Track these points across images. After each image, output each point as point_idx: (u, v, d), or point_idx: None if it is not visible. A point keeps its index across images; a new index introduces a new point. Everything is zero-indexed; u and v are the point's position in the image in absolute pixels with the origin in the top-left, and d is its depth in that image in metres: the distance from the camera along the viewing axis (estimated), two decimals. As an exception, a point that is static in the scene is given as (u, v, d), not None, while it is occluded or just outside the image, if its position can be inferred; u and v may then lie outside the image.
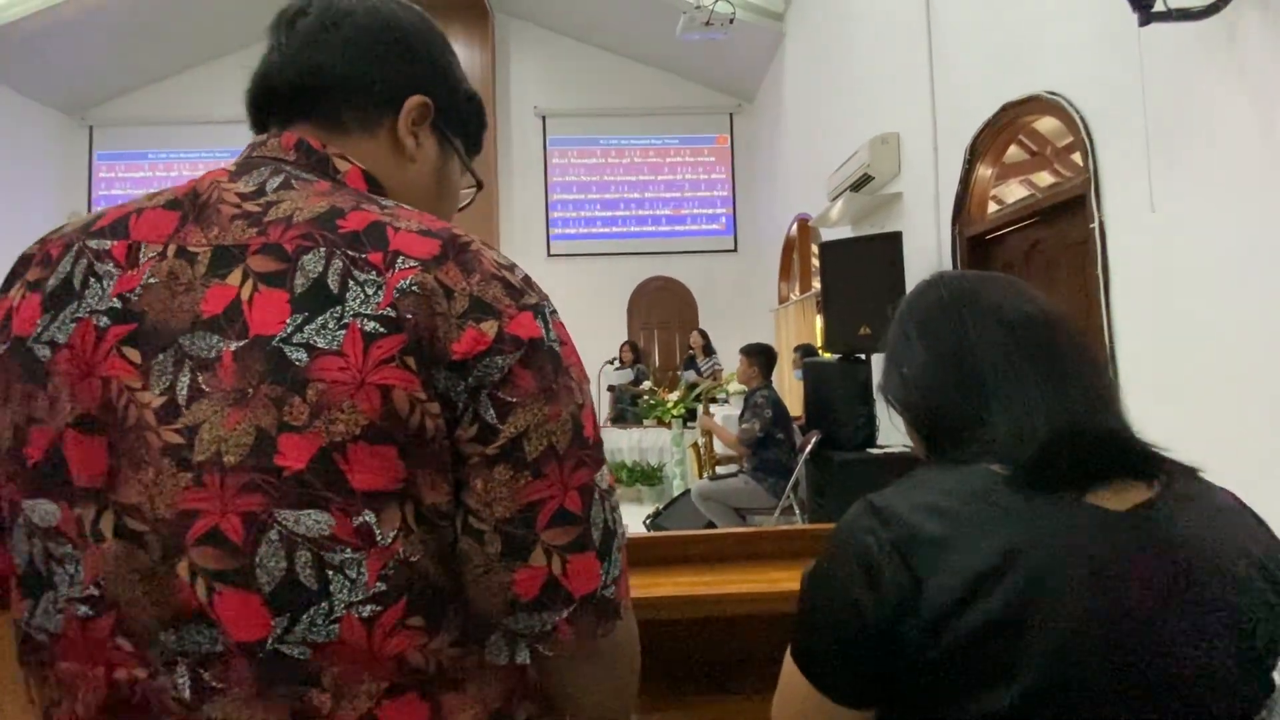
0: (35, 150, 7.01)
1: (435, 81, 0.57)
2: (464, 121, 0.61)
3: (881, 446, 3.23)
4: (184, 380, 0.41)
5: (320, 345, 0.40)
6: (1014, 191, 3.31)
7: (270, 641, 0.39)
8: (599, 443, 0.47)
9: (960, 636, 0.47)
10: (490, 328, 0.42)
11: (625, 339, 7.15)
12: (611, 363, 6.61)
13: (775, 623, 1.13)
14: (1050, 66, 2.55)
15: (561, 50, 7.84)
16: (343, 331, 0.40)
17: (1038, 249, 2.92)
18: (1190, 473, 0.55)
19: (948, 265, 3.39)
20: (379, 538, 0.40)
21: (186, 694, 0.40)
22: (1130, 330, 2.24)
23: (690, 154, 7.99)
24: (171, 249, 0.45)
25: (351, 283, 0.42)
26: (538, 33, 7.86)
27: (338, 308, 0.41)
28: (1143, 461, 0.53)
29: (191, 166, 7.71)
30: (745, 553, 1.44)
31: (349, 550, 0.40)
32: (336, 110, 0.53)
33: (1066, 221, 2.66)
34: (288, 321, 0.41)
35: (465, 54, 7.47)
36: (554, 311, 0.47)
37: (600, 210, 7.93)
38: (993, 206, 3.24)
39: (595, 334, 7.43)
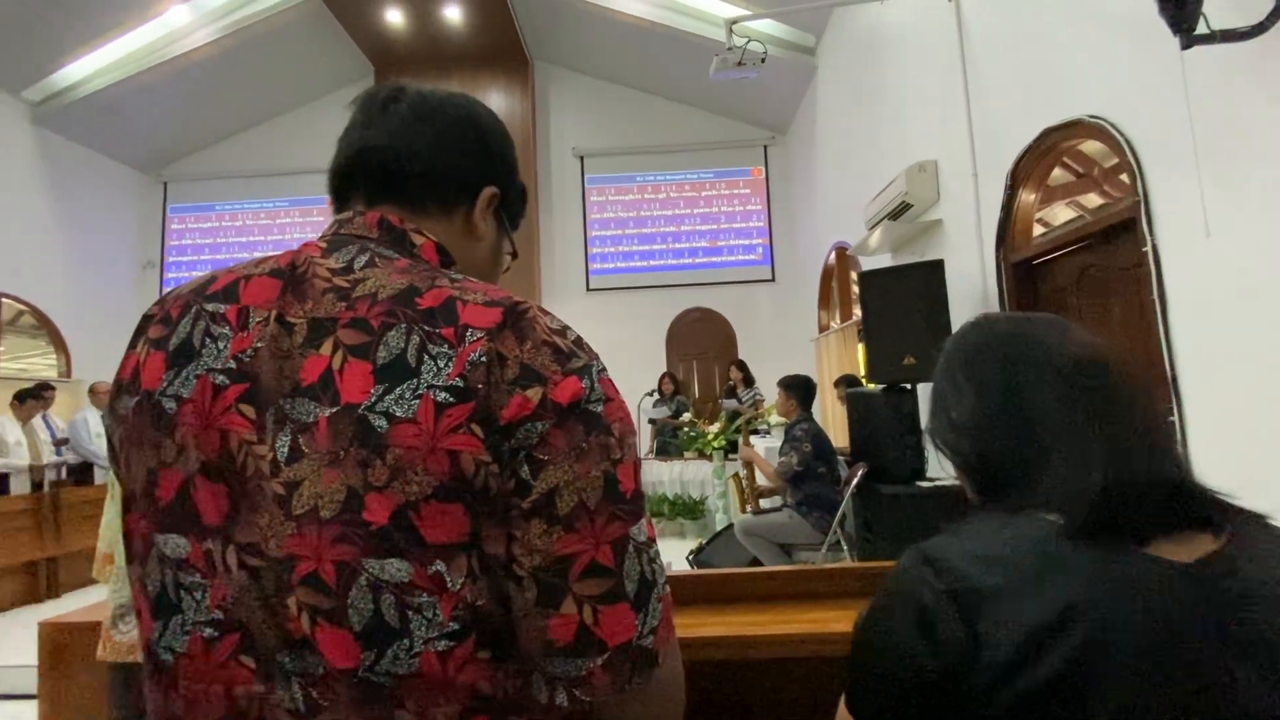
0: (117, 206, 7.58)
1: (502, 174, 0.65)
2: (515, 206, 0.68)
3: (931, 479, 3.13)
4: (284, 440, 0.46)
5: (398, 414, 0.45)
6: (1061, 214, 3.24)
7: (360, 671, 0.44)
8: (637, 496, 0.49)
9: (1020, 694, 0.46)
10: (535, 394, 0.46)
11: (664, 370, 7.16)
12: (651, 395, 6.62)
13: (824, 666, 1.11)
14: (1090, 90, 2.52)
15: (597, 93, 8.11)
16: (417, 401, 0.45)
17: (1089, 274, 2.83)
18: (1259, 521, 0.52)
19: (992, 292, 3.31)
20: (449, 584, 0.44)
21: (301, 707, 0.45)
22: (1192, 359, 2.14)
23: (725, 187, 8.08)
24: (273, 316, 0.50)
25: (426, 356, 0.46)
26: (574, 78, 8.15)
27: (414, 380, 0.45)
28: (1207, 511, 0.51)
29: (253, 215, 8.19)
30: (792, 592, 1.41)
31: (425, 594, 0.44)
32: (422, 193, 0.59)
33: (1118, 245, 2.59)
34: (371, 391, 0.45)
35: (507, 101, 7.80)
36: (602, 370, 0.50)
37: (638, 245, 8.05)
38: (1039, 230, 3.17)
39: (634, 366, 7.48)
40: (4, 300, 6.17)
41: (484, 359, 0.46)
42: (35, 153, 6.52)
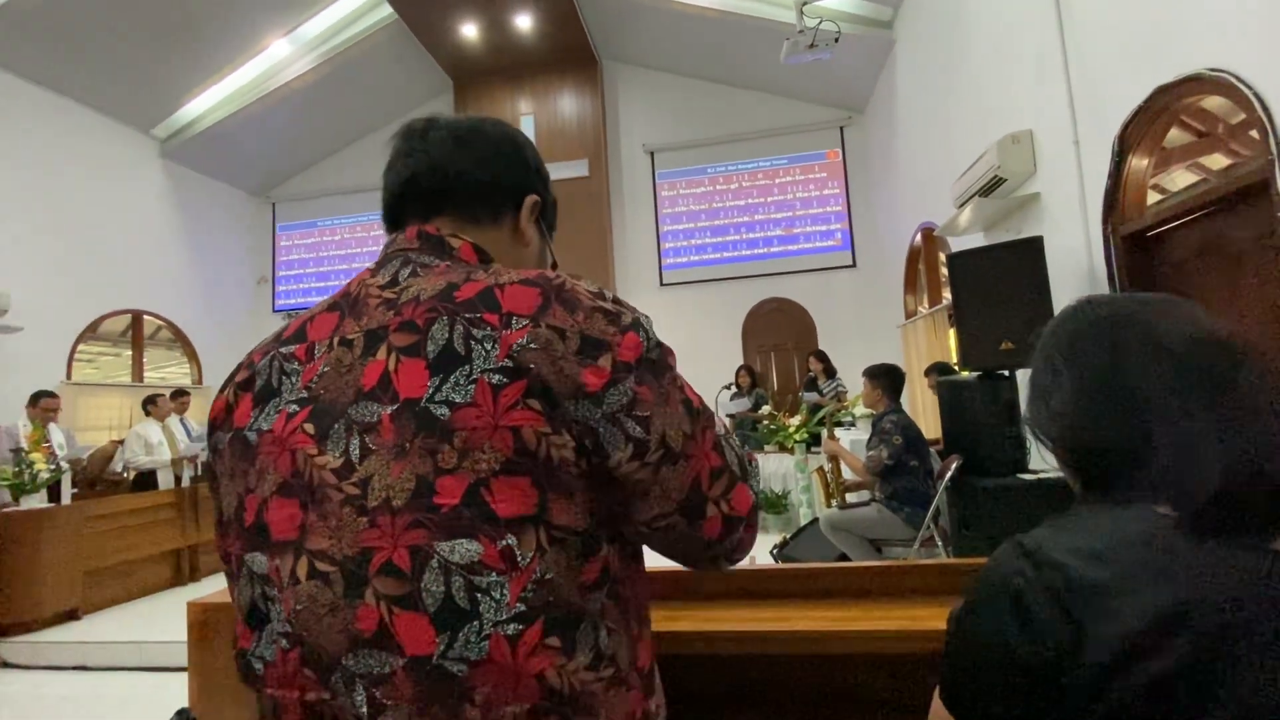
0: (232, 227, 8.34)
1: (539, 184, 0.70)
2: (550, 216, 0.74)
3: (1034, 471, 2.94)
4: (355, 443, 0.50)
5: (457, 400, 0.48)
6: (1180, 179, 2.94)
7: (435, 657, 0.46)
8: (702, 404, 0.56)
9: (1130, 693, 0.44)
10: (606, 361, 0.50)
11: (741, 364, 7.08)
12: (728, 388, 6.56)
13: (917, 663, 1.08)
14: (1209, 41, 2.27)
15: (665, 87, 8.10)
16: (473, 386, 0.48)
17: (1214, 244, 2.56)
18: None
19: (1100, 268, 3.06)
20: (519, 559, 0.47)
21: (364, 710, 0.47)
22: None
23: (800, 172, 7.86)
24: (336, 340, 0.55)
25: (473, 342, 0.49)
26: (642, 74, 8.18)
27: (466, 366, 0.49)
28: None
29: (350, 229, 8.77)
30: (884, 588, 1.38)
31: (494, 574, 0.46)
32: (473, 205, 0.64)
33: (1248, 210, 2.33)
34: (428, 384, 0.49)
35: (578, 103, 7.95)
36: (646, 317, 0.56)
37: (710, 237, 7.99)
38: (1153, 197, 2.90)
39: (710, 361, 7.44)
40: (145, 317, 6.94)
41: (533, 344, 0.49)
42: (164, 184, 7.28)
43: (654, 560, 0.62)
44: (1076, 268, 3.20)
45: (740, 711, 1.23)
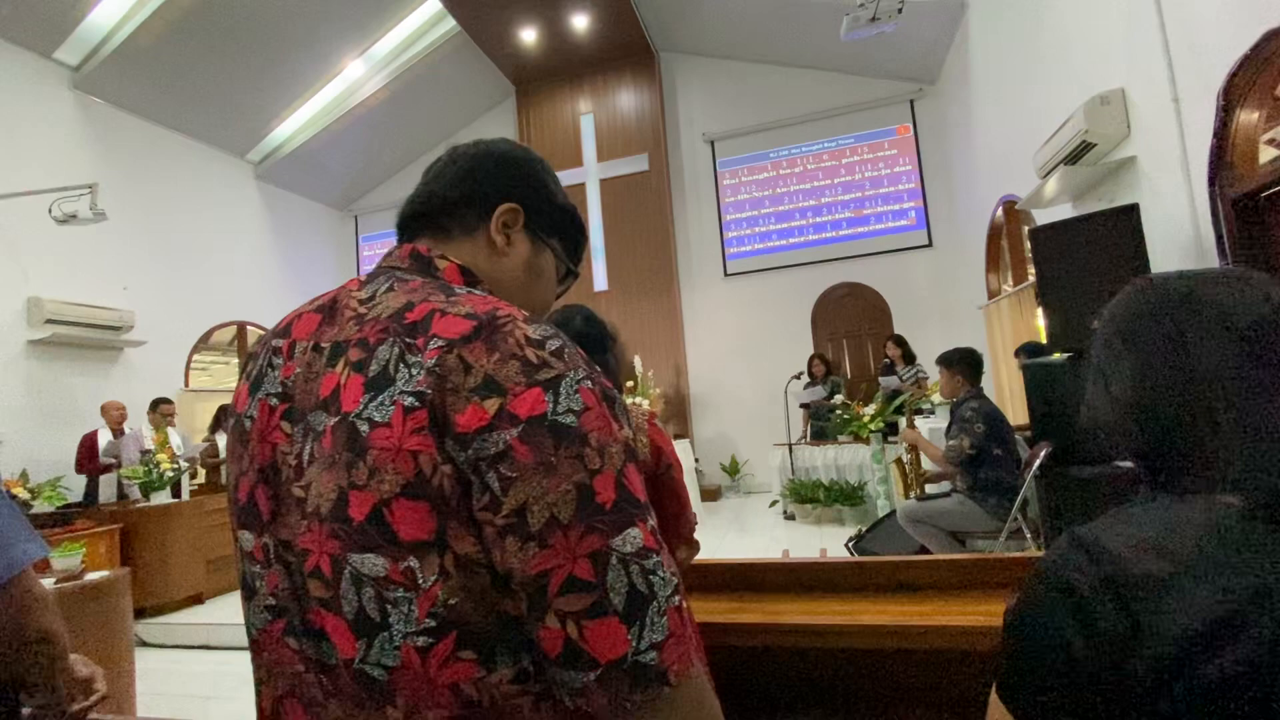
0: (318, 240, 8.92)
1: (526, 192, 0.67)
2: (557, 226, 0.70)
3: (1134, 458, 2.73)
4: (308, 448, 0.53)
5: (376, 419, 0.49)
6: (1302, 130, 2.64)
7: (357, 661, 0.48)
8: (623, 505, 0.47)
9: (1199, 688, 0.42)
10: (492, 405, 0.47)
11: (813, 352, 6.92)
12: (799, 378, 6.44)
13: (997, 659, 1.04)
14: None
15: (723, 74, 7.98)
16: (392, 407, 0.48)
17: (1346, 200, 2.29)
18: None
19: (1207, 234, 2.80)
20: (421, 581, 0.47)
21: (319, 694, 0.51)
22: None
23: (868, 150, 7.56)
24: (311, 344, 0.58)
25: (402, 365, 0.50)
26: (700, 63, 8.09)
27: (392, 387, 0.49)
28: None
29: (424, 237, 9.18)
30: (965, 581, 1.33)
31: (401, 590, 0.47)
32: (444, 222, 0.66)
33: (1388, 160, 2.06)
34: (361, 400, 0.50)
35: (636, 98, 7.97)
36: (583, 379, 0.49)
37: (774, 224, 7.82)
38: (1267, 154, 2.61)
39: (779, 350, 7.33)
40: (248, 327, 7.54)
41: (436, 367, 0.48)
42: (260, 204, 7.87)
43: (716, 551, 0.60)
44: (1179, 236, 2.94)
45: (804, 710, 1.23)
